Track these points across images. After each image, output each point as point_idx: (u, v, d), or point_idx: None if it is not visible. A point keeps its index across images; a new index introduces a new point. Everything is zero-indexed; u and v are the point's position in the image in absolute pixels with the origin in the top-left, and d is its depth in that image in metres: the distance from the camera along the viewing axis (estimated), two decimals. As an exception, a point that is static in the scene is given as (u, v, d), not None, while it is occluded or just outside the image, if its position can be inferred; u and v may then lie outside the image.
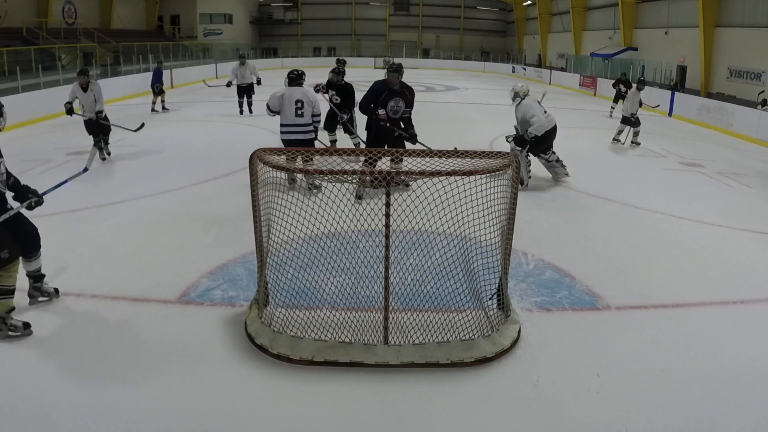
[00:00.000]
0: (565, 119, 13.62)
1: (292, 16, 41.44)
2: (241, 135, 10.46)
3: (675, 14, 21.20)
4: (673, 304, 4.03)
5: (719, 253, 5.10)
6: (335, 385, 2.99)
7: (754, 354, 3.41)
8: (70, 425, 2.66)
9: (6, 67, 14.89)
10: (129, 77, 18.10)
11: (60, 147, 9.08)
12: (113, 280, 4.15)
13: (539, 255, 4.80)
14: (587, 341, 3.51)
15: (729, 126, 13.14)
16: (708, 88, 18.58)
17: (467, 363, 3.15)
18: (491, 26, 43.78)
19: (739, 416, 2.85)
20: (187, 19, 34.92)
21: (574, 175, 7.39)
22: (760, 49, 16.38)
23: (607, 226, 5.75)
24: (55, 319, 3.60)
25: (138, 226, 5.38)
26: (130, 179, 7.15)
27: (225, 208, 5.89)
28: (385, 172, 3.04)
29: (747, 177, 8.39)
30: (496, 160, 3.35)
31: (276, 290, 3.54)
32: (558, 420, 2.79)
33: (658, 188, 7.43)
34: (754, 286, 4.40)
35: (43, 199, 3.62)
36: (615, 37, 25.63)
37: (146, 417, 2.72)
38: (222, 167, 7.67)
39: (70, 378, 3.00)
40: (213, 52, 30.21)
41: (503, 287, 3.61)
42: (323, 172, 3.07)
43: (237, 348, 3.31)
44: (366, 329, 3.30)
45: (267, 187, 3.33)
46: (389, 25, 42.51)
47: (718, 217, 6.15)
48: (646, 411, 2.85)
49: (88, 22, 25.22)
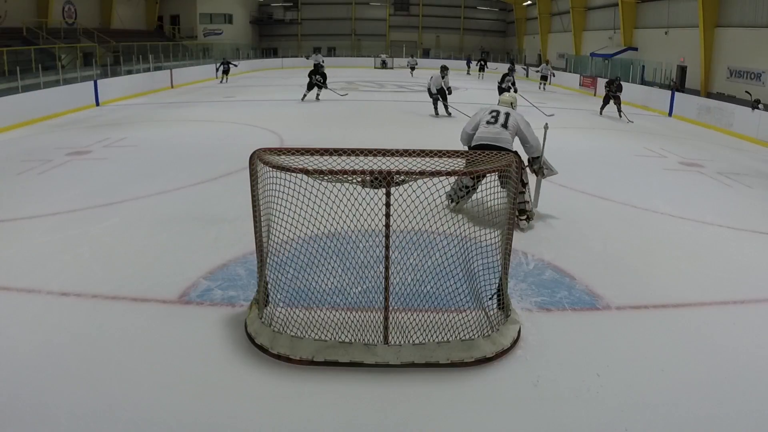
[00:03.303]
0: (565, 119, 13.66)
1: (292, 16, 41.44)
2: (241, 135, 10.47)
3: (675, 14, 21.19)
4: (673, 304, 4.03)
5: (719, 253, 5.10)
6: (335, 385, 2.99)
7: (754, 354, 3.41)
8: (70, 425, 2.66)
9: (6, 67, 14.89)
10: (129, 77, 18.11)
11: (60, 147, 9.08)
12: (113, 280, 4.15)
13: (539, 255, 4.80)
14: (587, 341, 3.51)
15: (729, 126, 13.14)
16: (708, 88, 18.57)
17: (467, 363, 3.15)
18: (491, 26, 43.78)
19: (739, 416, 2.86)
20: (187, 19, 34.93)
21: (575, 175, 7.39)
22: (760, 49, 16.37)
23: (607, 226, 5.75)
24: (55, 319, 3.60)
25: (138, 226, 5.38)
26: (130, 179, 7.15)
27: (225, 208, 5.89)
28: (385, 172, 3.04)
29: (747, 177, 8.39)
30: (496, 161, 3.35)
31: (276, 290, 3.54)
32: (558, 420, 2.79)
33: (658, 188, 7.43)
34: (754, 286, 4.40)
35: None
36: (615, 37, 25.62)
37: (146, 417, 2.72)
38: (222, 167, 7.67)
39: (70, 378, 3.00)
40: (213, 52, 30.22)
41: (503, 287, 3.61)
42: (323, 172, 3.07)
43: (237, 348, 3.31)
44: (366, 329, 3.30)
45: (267, 187, 3.33)
46: (389, 25, 42.51)
47: (718, 217, 6.15)
48: (646, 411, 2.85)
49: (88, 22, 25.22)
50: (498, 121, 5.43)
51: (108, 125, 11.59)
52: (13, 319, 3.59)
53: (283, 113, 13.60)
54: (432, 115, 13.06)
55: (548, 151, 5.82)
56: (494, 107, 5.64)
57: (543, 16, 33.91)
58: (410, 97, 18.69)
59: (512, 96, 5.90)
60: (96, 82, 15.31)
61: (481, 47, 41.20)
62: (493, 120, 5.46)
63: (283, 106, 15.09)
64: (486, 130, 5.43)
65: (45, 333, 3.43)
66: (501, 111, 5.53)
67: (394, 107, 15.76)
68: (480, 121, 5.53)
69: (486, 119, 5.49)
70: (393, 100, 17.58)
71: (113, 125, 11.59)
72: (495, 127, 5.40)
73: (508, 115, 5.48)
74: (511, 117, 5.46)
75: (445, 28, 42.73)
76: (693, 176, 8.30)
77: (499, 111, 5.53)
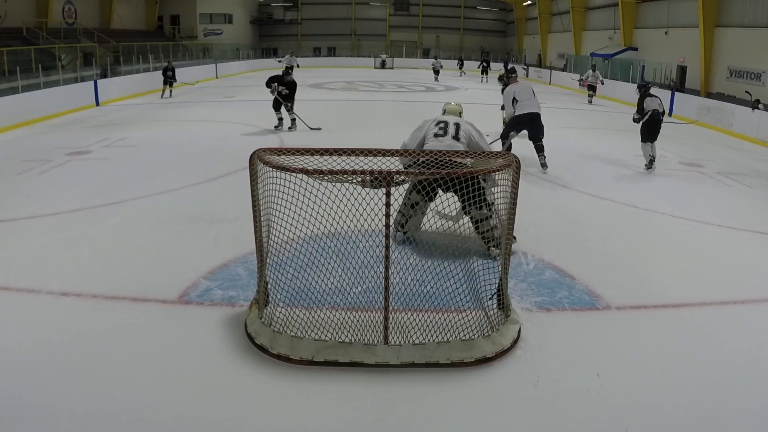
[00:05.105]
0: (565, 119, 13.66)
1: (292, 16, 41.45)
2: (241, 135, 10.47)
3: (675, 14, 21.20)
4: (673, 304, 4.03)
5: (719, 253, 5.10)
6: (335, 385, 2.99)
7: (754, 354, 3.41)
8: (70, 425, 2.66)
9: (6, 67, 14.89)
10: (129, 77, 18.12)
11: (60, 147, 9.08)
12: (113, 280, 4.15)
13: (539, 255, 4.80)
14: (587, 341, 3.51)
15: (729, 126, 13.14)
16: (708, 88, 18.58)
17: (467, 363, 3.15)
18: (491, 26, 43.79)
19: (739, 416, 2.85)
20: (187, 19, 34.94)
21: (575, 175, 7.39)
22: (760, 49, 16.37)
23: (607, 226, 5.75)
24: (55, 319, 3.60)
25: (138, 226, 5.38)
26: (130, 179, 7.15)
27: (225, 208, 5.89)
28: (385, 172, 3.04)
29: (747, 177, 8.39)
30: (496, 160, 3.35)
31: (276, 290, 3.54)
32: (558, 420, 2.79)
33: (658, 188, 7.43)
34: (754, 286, 4.40)
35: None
36: (615, 37, 25.63)
37: (146, 417, 2.72)
38: (222, 167, 7.68)
39: (70, 378, 3.00)
40: (213, 52, 30.24)
41: (503, 287, 3.61)
42: (323, 171, 3.07)
43: (237, 348, 3.30)
44: (366, 329, 3.30)
45: (267, 187, 3.33)
46: (389, 25, 42.52)
47: (718, 217, 6.14)
48: (646, 411, 2.85)
49: (88, 22, 25.22)
50: (448, 133, 4.78)
51: (108, 125, 11.59)
52: (13, 319, 3.59)
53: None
54: None
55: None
56: (440, 117, 5.01)
57: (543, 16, 33.91)
58: (410, 97, 18.69)
59: (459, 104, 5.42)
60: (96, 82, 15.32)
61: (481, 47, 41.19)
62: (441, 132, 4.79)
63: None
64: (435, 144, 4.74)
65: (45, 333, 3.43)
66: (450, 121, 4.89)
67: (394, 107, 15.76)
68: (426, 134, 4.86)
69: (433, 131, 4.82)
70: (393, 100, 17.58)
71: (113, 125, 11.60)
72: (446, 140, 4.74)
73: (458, 125, 4.86)
74: (462, 127, 4.86)
75: (445, 28, 42.74)
76: (693, 176, 8.30)
77: (448, 121, 4.89)
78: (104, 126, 11.47)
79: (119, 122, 12.09)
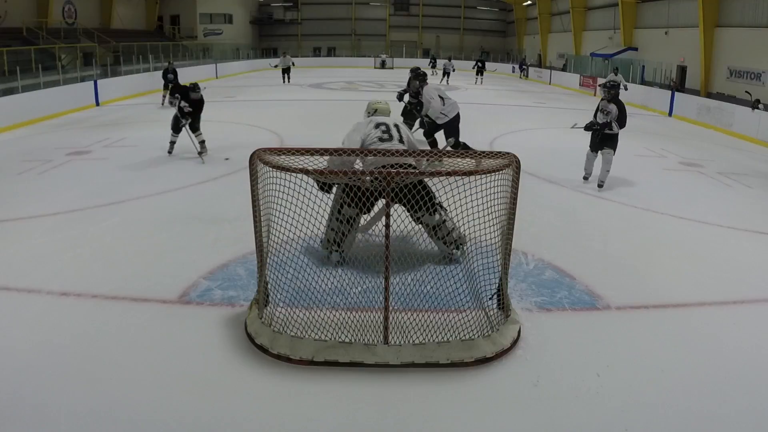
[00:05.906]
0: (564, 119, 13.64)
1: (292, 16, 41.44)
2: (241, 135, 10.46)
3: (675, 14, 21.20)
4: (673, 304, 4.03)
5: (719, 253, 5.10)
6: (335, 385, 2.99)
7: (754, 354, 3.41)
8: (70, 425, 2.66)
9: (6, 67, 14.90)
10: (129, 77, 18.10)
11: (60, 147, 9.08)
12: (113, 280, 4.15)
13: (539, 255, 4.80)
14: (587, 341, 3.51)
15: (729, 126, 13.14)
16: (708, 88, 18.58)
17: (467, 363, 3.15)
18: (491, 26, 43.78)
19: (739, 416, 2.86)
20: (187, 19, 34.94)
21: (575, 175, 7.38)
22: (760, 49, 16.37)
23: (607, 226, 5.75)
24: (56, 319, 3.60)
25: (138, 226, 5.38)
26: (130, 179, 7.15)
27: (225, 208, 5.89)
28: (385, 172, 3.04)
29: (747, 177, 8.39)
30: (496, 160, 3.35)
31: (276, 290, 3.54)
32: (558, 420, 2.79)
33: (658, 188, 7.43)
34: (754, 286, 4.40)
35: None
36: (615, 37, 25.63)
37: (146, 417, 2.72)
38: (222, 167, 7.68)
39: (70, 378, 3.00)
40: (213, 52, 30.22)
41: (503, 287, 3.61)
42: (323, 172, 3.07)
43: (237, 348, 3.31)
44: (366, 329, 3.30)
45: (267, 187, 3.33)
46: (389, 25, 42.51)
47: (718, 217, 6.14)
48: (646, 411, 2.85)
49: (88, 22, 25.23)
50: (393, 137, 4.42)
51: (108, 125, 11.59)
52: (13, 319, 3.59)
53: (283, 113, 13.60)
54: None
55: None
56: (377, 119, 4.57)
57: (543, 16, 33.91)
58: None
59: (387, 103, 5.01)
60: (96, 82, 15.31)
61: (481, 47, 41.19)
62: (387, 137, 4.41)
63: (283, 106, 15.09)
64: (386, 148, 4.14)
65: (45, 333, 3.43)
66: (389, 123, 4.52)
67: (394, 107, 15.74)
68: (366, 138, 4.42)
69: (377, 136, 4.40)
70: (393, 100, 17.55)
71: (113, 125, 11.60)
72: (394, 144, 4.40)
73: (398, 127, 4.54)
74: (402, 129, 4.54)
75: (445, 28, 42.72)
76: (693, 176, 8.30)
77: (387, 124, 4.51)
78: (104, 126, 11.47)
79: (119, 122, 12.09)
